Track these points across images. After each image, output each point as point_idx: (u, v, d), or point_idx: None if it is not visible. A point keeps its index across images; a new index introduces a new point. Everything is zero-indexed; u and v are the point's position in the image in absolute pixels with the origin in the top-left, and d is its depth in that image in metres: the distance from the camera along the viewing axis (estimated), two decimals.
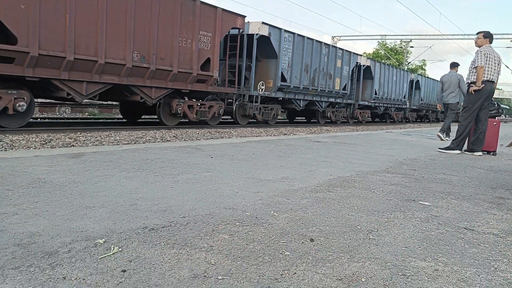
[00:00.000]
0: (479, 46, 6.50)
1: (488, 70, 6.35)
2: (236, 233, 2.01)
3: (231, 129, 11.49)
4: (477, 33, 6.61)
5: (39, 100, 12.96)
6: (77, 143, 6.85)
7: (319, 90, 16.12)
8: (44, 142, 6.57)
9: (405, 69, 21.98)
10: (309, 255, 1.78)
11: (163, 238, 1.86)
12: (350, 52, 18.22)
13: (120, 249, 1.69)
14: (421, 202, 2.93)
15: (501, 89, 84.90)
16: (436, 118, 32.15)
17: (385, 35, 48.58)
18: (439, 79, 10.67)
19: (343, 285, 1.52)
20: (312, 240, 1.98)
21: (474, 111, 6.51)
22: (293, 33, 14.28)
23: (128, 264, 1.56)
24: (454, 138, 6.72)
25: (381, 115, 24.19)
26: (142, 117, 12.92)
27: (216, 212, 2.33)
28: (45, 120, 10.57)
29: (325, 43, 16.22)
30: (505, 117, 75.17)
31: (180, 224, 2.07)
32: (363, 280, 1.57)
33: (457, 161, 5.59)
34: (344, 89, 17.84)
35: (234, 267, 1.61)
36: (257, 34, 12.73)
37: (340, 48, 17.68)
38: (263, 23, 12.95)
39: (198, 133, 9.43)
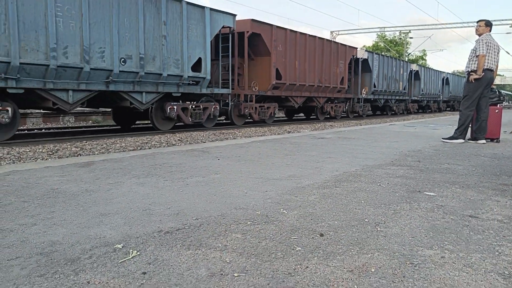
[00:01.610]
0: (480, 35, 6.55)
1: (488, 59, 6.40)
2: (248, 231, 2.08)
3: (235, 129, 11.56)
4: (478, 22, 6.65)
5: (43, 111, 13.05)
6: (83, 151, 6.94)
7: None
8: (51, 153, 6.67)
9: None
10: (320, 249, 1.85)
11: (179, 240, 1.94)
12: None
13: (138, 253, 1.76)
14: (427, 193, 2.99)
15: (503, 75, 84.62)
16: (438, 108, 32.28)
17: (384, 27, 48.61)
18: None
19: (353, 276, 1.58)
20: (322, 235, 2.05)
21: (475, 100, 6.55)
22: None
23: (147, 266, 1.63)
24: (456, 127, 6.76)
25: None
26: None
27: (228, 213, 2.40)
28: (50, 131, 10.69)
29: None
30: (508, 103, 74.91)
31: (194, 226, 2.15)
32: (373, 270, 1.64)
33: (461, 150, 5.64)
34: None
35: (248, 264, 1.68)
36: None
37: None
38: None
39: (203, 136, 9.51)
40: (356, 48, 19.21)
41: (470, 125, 6.74)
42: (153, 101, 10.07)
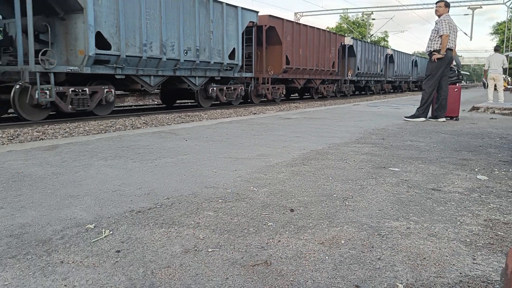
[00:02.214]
0: (440, 15, 6.71)
1: (449, 39, 6.58)
2: (220, 209, 2.10)
3: (200, 112, 11.50)
4: (437, 3, 6.81)
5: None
6: (46, 136, 6.76)
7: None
8: (11, 138, 6.46)
9: (332, 31, 23.52)
10: (291, 224, 1.90)
11: (151, 219, 1.94)
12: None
13: (111, 232, 1.76)
14: (391, 169, 3.09)
15: (461, 56, 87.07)
16: (408, 88, 35.03)
17: (347, 9, 48.87)
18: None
19: (324, 248, 1.64)
20: (292, 210, 2.10)
21: (437, 79, 6.75)
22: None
23: (121, 245, 1.63)
24: (419, 106, 6.96)
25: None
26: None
27: (199, 192, 2.42)
28: (9, 116, 10.29)
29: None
30: (466, 83, 77.36)
31: (166, 205, 2.15)
32: (343, 242, 1.70)
33: (423, 127, 5.83)
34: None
35: (222, 240, 1.71)
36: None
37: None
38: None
39: (168, 118, 9.42)
40: (344, 36, 22.67)
41: (431, 104, 6.95)
42: (202, 83, 12.46)
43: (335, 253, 1.59)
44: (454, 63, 7.04)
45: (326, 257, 1.55)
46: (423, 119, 6.85)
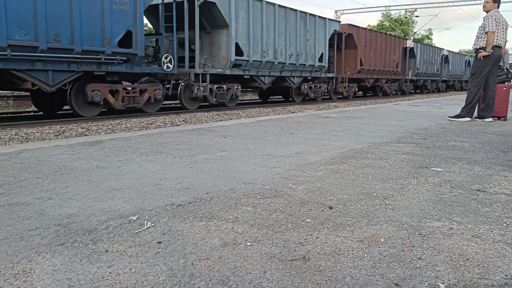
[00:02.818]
0: (488, 11, 6.47)
1: (497, 35, 6.34)
2: (259, 205, 2.12)
3: (239, 110, 11.58)
4: None
5: None
6: (90, 132, 6.99)
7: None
8: (58, 133, 6.72)
9: (396, 35, 22.97)
10: (329, 221, 1.89)
11: (191, 212, 1.98)
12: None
13: (153, 224, 1.81)
14: (434, 169, 3.01)
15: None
16: (437, 88, 30.23)
17: (389, 6, 47.94)
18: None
19: (363, 246, 1.62)
20: (331, 207, 2.09)
21: (483, 77, 6.51)
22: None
23: (162, 236, 1.68)
24: (464, 105, 6.74)
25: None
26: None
27: (237, 187, 2.44)
28: (58, 113, 10.74)
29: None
30: None
31: (205, 200, 2.19)
32: (382, 240, 1.68)
33: (468, 128, 5.64)
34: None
35: (260, 234, 1.72)
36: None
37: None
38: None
39: (207, 116, 9.53)
40: (407, 39, 24.83)
41: (477, 103, 6.72)
42: (299, 83, 15.17)
43: (374, 251, 1.57)
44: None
45: (365, 255, 1.54)
46: (468, 119, 6.63)
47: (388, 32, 28.98)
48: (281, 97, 18.59)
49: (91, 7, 8.26)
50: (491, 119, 6.61)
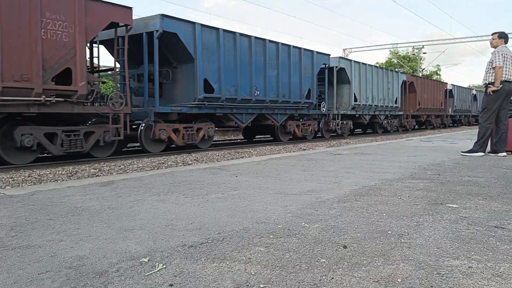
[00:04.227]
0: (495, 47, 6.53)
1: (505, 70, 6.36)
2: (271, 244, 2.08)
3: (250, 148, 11.61)
4: (492, 34, 6.65)
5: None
6: (102, 172, 7.02)
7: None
8: (70, 174, 6.77)
9: (394, 70, 23.55)
10: (344, 261, 1.85)
11: (203, 253, 1.95)
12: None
13: (164, 266, 1.78)
14: (449, 205, 2.96)
15: None
16: (442, 124, 29.56)
17: (397, 43, 48.43)
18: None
19: (380, 286, 1.57)
20: (345, 246, 2.04)
21: (494, 112, 6.49)
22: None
23: (174, 278, 1.65)
24: (476, 140, 6.69)
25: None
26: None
27: (249, 227, 2.41)
28: (70, 154, 10.85)
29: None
30: None
31: (217, 240, 2.16)
32: (399, 280, 1.63)
33: (482, 162, 5.57)
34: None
35: (273, 275, 1.68)
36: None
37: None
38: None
39: (218, 155, 9.56)
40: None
41: (490, 138, 6.67)
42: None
43: None
44: None
45: None
46: (481, 153, 6.56)
47: (433, 78, 32.21)
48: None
49: (296, 76, 13.94)
50: (505, 154, 6.54)
